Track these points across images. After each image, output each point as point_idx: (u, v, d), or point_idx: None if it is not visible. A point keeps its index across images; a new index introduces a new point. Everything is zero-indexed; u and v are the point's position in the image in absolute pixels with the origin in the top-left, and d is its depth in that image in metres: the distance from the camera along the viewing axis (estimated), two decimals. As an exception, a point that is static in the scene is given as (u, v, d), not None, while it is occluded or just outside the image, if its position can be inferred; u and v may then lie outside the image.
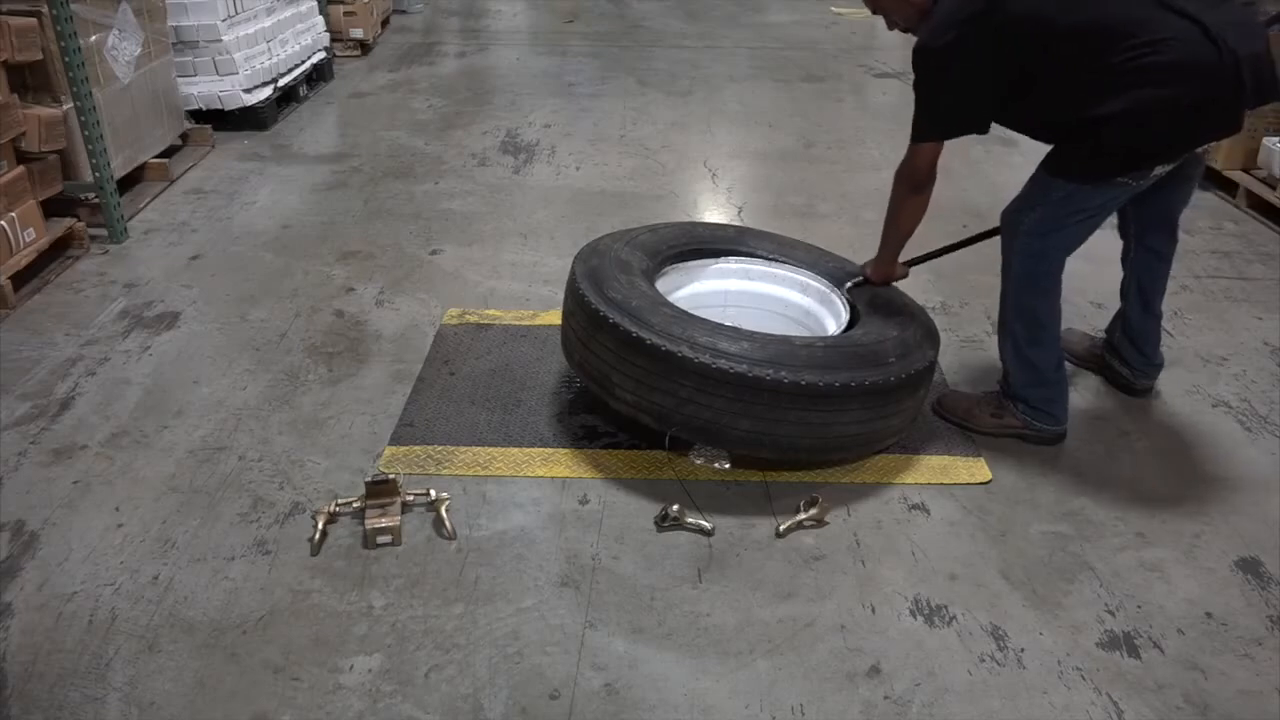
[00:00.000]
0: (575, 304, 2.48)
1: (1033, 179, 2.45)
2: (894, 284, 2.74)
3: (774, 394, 2.21)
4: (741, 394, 2.22)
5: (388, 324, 3.20)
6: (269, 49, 5.15)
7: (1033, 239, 2.44)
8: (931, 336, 2.54)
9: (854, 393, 2.25)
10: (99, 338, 3.08)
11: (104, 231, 3.74)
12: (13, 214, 3.30)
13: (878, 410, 2.33)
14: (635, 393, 2.34)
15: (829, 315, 2.74)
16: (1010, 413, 2.63)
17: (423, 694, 1.88)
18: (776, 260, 2.87)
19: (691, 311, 2.47)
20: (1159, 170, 2.33)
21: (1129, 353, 2.84)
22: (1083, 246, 2.75)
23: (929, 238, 2.79)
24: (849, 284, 2.72)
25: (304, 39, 5.59)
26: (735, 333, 2.31)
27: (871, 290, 2.68)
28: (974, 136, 2.45)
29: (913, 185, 2.47)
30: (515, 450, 2.57)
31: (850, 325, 2.58)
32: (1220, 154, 4.27)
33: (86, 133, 3.61)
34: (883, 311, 2.58)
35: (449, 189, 4.33)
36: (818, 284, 2.80)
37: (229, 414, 2.71)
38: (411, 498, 2.32)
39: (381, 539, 2.24)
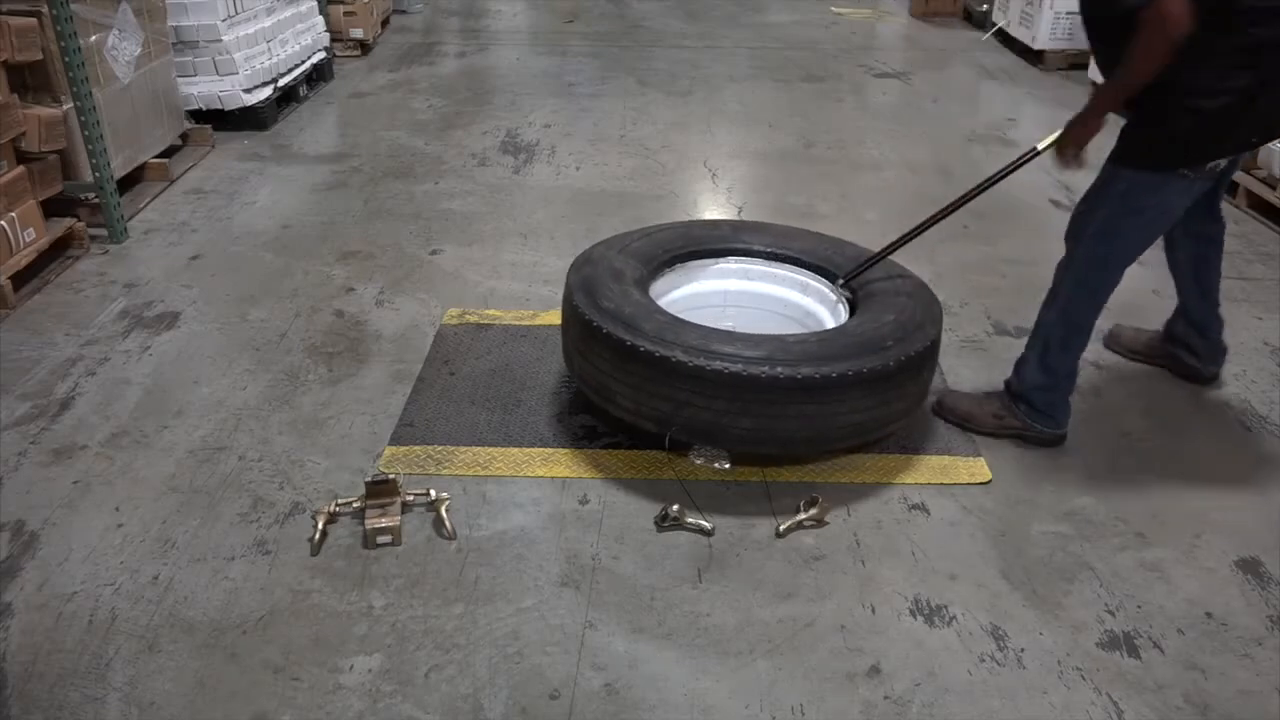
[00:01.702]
0: (570, 315, 2.50)
1: (1099, 175, 2.45)
2: (894, 260, 2.71)
3: (771, 390, 2.22)
4: (739, 393, 2.23)
5: (388, 324, 3.20)
6: (269, 49, 5.14)
7: (1097, 243, 2.43)
8: (931, 316, 2.52)
9: (852, 382, 2.25)
10: (99, 338, 3.08)
11: (104, 231, 3.74)
12: (13, 214, 3.30)
13: (880, 397, 2.33)
14: (635, 400, 2.35)
15: (829, 312, 2.75)
16: (1012, 413, 2.63)
17: (423, 694, 1.88)
18: (775, 257, 2.87)
19: (691, 313, 2.47)
20: (1220, 163, 2.33)
21: (1195, 342, 2.88)
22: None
23: (930, 238, 2.78)
24: (840, 280, 2.71)
25: (304, 39, 5.59)
26: (728, 334, 2.31)
27: (868, 278, 2.67)
28: (974, 136, 2.43)
29: (1168, 26, 2.08)
30: (515, 450, 2.57)
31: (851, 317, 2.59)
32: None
33: (86, 133, 3.61)
34: (880, 298, 2.57)
35: (449, 189, 4.33)
36: (817, 284, 2.80)
37: (229, 414, 2.71)
38: (411, 498, 2.32)
39: (381, 539, 2.24)
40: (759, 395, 2.23)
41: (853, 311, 2.63)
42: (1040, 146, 2.66)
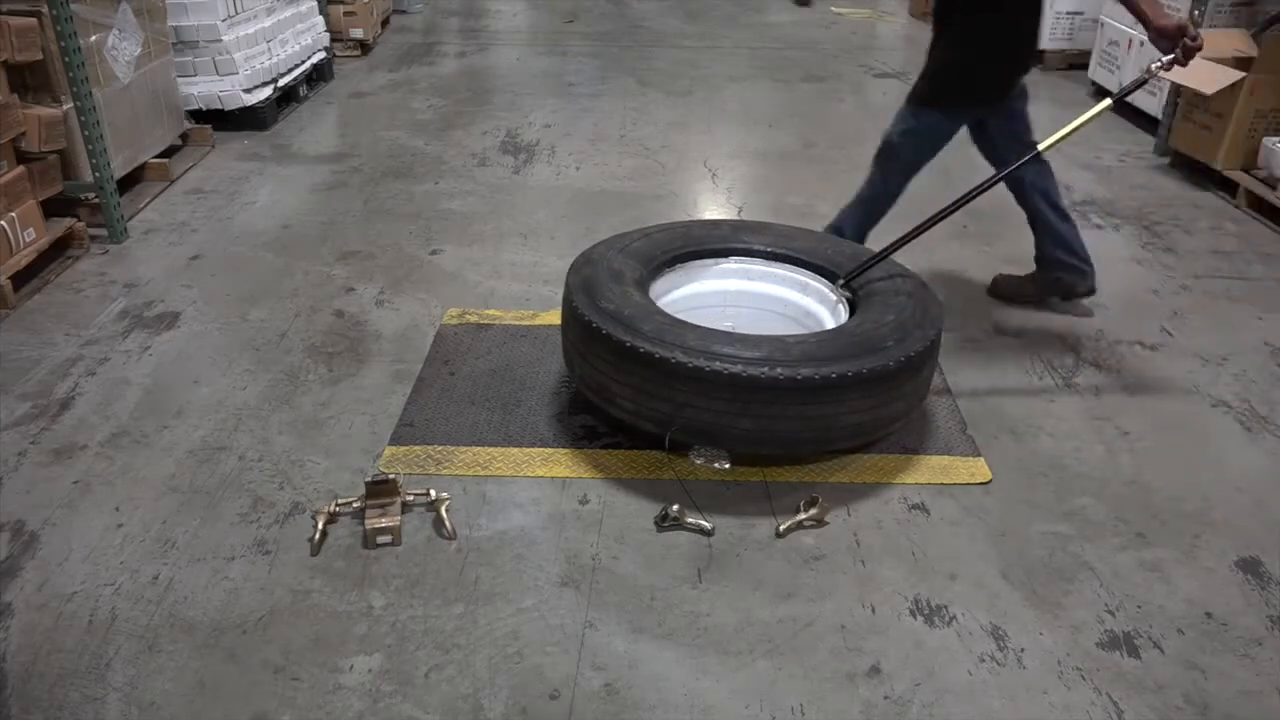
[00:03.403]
0: (570, 315, 2.50)
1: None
2: (894, 259, 2.71)
3: (770, 391, 2.21)
4: (738, 394, 2.23)
5: (388, 324, 3.20)
6: (269, 49, 5.14)
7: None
8: (931, 316, 2.51)
9: (852, 382, 2.25)
10: (99, 338, 3.08)
11: (104, 231, 3.74)
12: (13, 214, 3.30)
13: (879, 397, 2.33)
14: (635, 401, 2.35)
15: (829, 312, 2.74)
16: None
17: (423, 694, 1.88)
18: (774, 258, 2.86)
19: (691, 314, 2.47)
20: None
21: (1069, 259, 3.24)
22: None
23: (929, 237, 2.78)
24: (840, 281, 2.71)
25: (304, 39, 5.59)
26: (727, 335, 2.31)
27: (868, 277, 2.67)
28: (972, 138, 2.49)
29: None
30: (515, 450, 2.57)
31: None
32: (1220, 154, 4.27)
33: (86, 133, 3.61)
34: (880, 297, 2.57)
35: (449, 189, 4.33)
36: (817, 284, 2.80)
37: (229, 414, 2.71)
38: (411, 498, 2.32)
39: (381, 539, 2.24)
40: (758, 396, 2.23)
41: (853, 311, 2.63)
42: (1041, 147, 2.68)
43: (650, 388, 2.30)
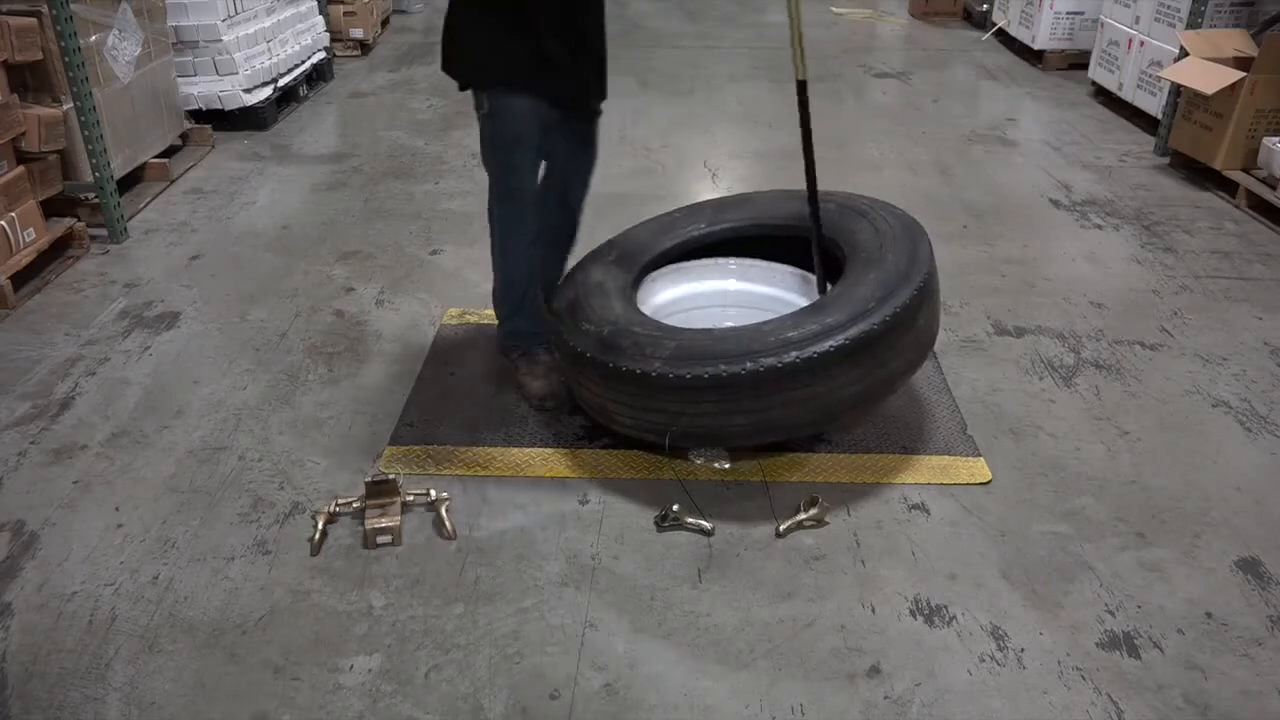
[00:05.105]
0: (555, 342, 2.52)
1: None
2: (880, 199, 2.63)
3: (755, 385, 2.18)
4: (725, 394, 2.20)
5: (388, 324, 3.20)
6: (269, 49, 5.15)
7: None
8: (917, 260, 2.37)
9: (837, 355, 2.17)
10: (99, 338, 3.09)
11: (104, 231, 3.74)
12: (13, 214, 3.30)
13: (876, 360, 2.24)
14: (631, 417, 2.35)
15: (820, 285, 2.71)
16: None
17: (423, 694, 1.88)
18: (762, 236, 2.83)
19: (690, 314, 2.46)
20: None
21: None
22: (1082, 247, 2.75)
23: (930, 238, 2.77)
24: (826, 287, 2.68)
25: (304, 39, 5.59)
26: (706, 334, 2.29)
27: (849, 229, 2.58)
28: (974, 136, 2.42)
29: None
30: (515, 450, 2.57)
31: None
32: (1220, 154, 4.27)
33: (86, 133, 3.61)
34: (863, 255, 2.46)
35: (449, 189, 4.33)
36: (814, 282, 2.79)
37: (229, 414, 2.72)
38: (411, 498, 2.32)
39: (381, 539, 2.24)
40: (747, 393, 2.20)
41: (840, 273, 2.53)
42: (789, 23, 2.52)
43: (641, 403, 2.29)
